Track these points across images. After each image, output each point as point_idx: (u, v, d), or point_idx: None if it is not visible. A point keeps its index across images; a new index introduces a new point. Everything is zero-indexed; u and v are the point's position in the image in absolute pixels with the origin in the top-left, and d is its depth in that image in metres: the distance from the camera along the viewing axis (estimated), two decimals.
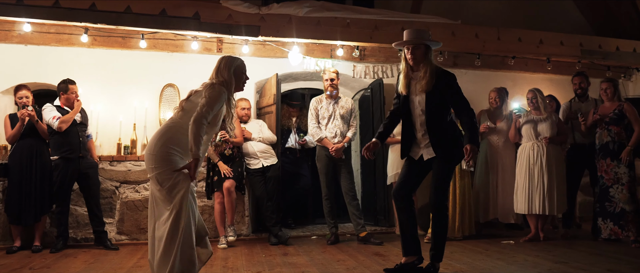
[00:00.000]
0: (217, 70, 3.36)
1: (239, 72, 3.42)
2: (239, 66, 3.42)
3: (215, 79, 3.33)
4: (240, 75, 3.44)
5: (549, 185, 5.27)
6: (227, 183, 5.31)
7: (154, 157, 3.18)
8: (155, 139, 3.23)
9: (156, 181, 3.18)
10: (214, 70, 3.38)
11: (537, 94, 5.49)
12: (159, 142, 3.20)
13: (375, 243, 5.26)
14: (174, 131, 3.24)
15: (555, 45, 6.84)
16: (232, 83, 3.36)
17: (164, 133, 3.25)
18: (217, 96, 3.21)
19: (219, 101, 3.22)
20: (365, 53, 6.61)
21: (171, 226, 3.10)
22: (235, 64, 3.40)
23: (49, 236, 5.39)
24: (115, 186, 5.64)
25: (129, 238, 5.60)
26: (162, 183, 3.15)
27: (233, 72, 3.36)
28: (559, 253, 4.67)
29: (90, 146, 5.37)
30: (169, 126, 3.29)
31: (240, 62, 3.44)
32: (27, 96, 5.12)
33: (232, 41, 6.07)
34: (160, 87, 5.95)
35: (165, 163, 3.16)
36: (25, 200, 5.04)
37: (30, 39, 5.67)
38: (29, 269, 4.21)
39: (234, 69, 3.37)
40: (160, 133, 3.26)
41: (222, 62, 3.38)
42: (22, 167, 5.06)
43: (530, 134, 5.43)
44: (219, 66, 3.37)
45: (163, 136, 3.22)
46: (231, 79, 3.35)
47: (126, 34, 5.82)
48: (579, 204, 7.12)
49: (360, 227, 5.41)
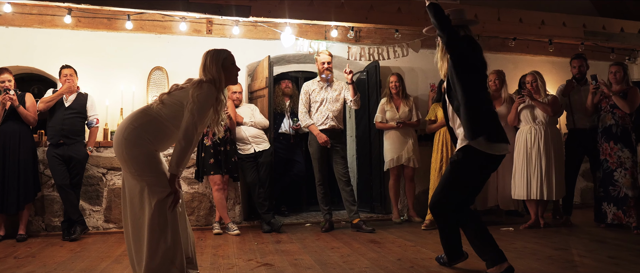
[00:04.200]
0: (204, 67, 3.18)
1: (228, 65, 3.22)
2: (226, 58, 3.22)
3: (204, 77, 3.17)
4: (230, 67, 3.24)
5: (547, 169, 5.28)
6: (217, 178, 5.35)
7: (125, 141, 3.02)
8: (126, 122, 3.09)
9: (129, 170, 3.06)
10: (201, 68, 3.19)
11: (537, 78, 5.48)
12: (131, 125, 3.05)
13: (367, 230, 5.28)
14: (149, 119, 3.08)
15: (558, 26, 6.83)
16: (222, 79, 3.17)
17: (138, 117, 3.10)
18: (206, 96, 3.04)
19: (208, 102, 3.06)
20: (360, 34, 6.58)
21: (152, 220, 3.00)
22: (222, 57, 3.20)
23: (34, 224, 5.40)
24: (102, 173, 5.63)
25: (117, 226, 5.60)
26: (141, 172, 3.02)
27: (222, 66, 3.17)
28: (559, 240, 4.70)
29: (91, 134, 5.37)
30: (144, 111, 3.14)
31: (227, 54, 3.25)
32: (9, 80, 5.07)
33: (222, 21, 6.04)
34: (147, 71, 5.91)
35: (136, 149, 3.02)
36: (8, 188, 5.01)
37: (12, 21, 5.62)
38: (13, 258, 4.21)
39: (222, 63, 3.18)
40: (133, 117, 3.11)
41: (208, 57, 3.19)
42: (5, 153, 5.02)
43: (528, 117, 5.44)
44: (205, 62, 3.19)
45: (136, 121, 3.08)
46: (221, 75, 3.16)
47: (112, 14, 5.78)
48: (580, 190, 7.18)
49: (353, 213, 5.43)
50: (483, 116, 3.37)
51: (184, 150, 3.01)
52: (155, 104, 3.15)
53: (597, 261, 3.80)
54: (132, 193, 3.08)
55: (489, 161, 3.39)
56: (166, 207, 3.02)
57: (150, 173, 3.03)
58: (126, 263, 3.93)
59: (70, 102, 5.25)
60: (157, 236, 3.00)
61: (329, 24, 6.17)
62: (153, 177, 3.03)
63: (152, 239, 3.00)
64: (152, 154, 3.09)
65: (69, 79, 5.22)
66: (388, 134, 5.97)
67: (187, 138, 3.01)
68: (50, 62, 5.72)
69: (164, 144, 3.19)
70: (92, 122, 5.37)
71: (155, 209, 2.99)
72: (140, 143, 3.03)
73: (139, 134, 3.04)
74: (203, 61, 3.21)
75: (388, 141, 5.99)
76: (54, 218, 5.46)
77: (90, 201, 5.57)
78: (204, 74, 3.18)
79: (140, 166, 3.03)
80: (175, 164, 3.02)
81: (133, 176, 3.05)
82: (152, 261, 3.00)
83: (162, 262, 3.00)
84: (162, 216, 3.01)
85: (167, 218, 3.03)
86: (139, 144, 3.03)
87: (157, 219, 3.00)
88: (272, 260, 3.99)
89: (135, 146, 3.02)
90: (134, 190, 3.06)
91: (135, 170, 3.03)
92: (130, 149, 3.02)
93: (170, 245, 3.02)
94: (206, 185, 5.73)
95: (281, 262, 3.92)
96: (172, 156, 3.04)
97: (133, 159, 3.03)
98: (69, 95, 5.26)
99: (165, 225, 3.01)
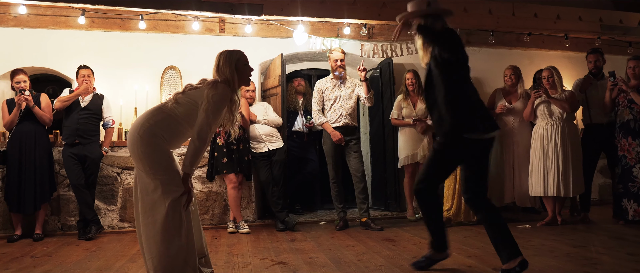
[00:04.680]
0: (217, 68, 3.20)
1: (241, 66, 3.24)
2: (240, 59, 3.24)
3: (218, 78, 3.18)
4: (244, 68, 3.26)
5: (564, 165, 5.22)
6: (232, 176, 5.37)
7: (140, 139, 3.04)
8: (141, 120, 3.10)
9: (143, 168, 3.07)
10: (214, 68, 3.22)
11: (554, 73, 5.43)
12: (146, 123, 3.07)
13: (376, 228, 5.27)
14: (163, 117, 3.10)
15: (574, 20, 6.74)
16: (236, 80, 3.19)
17: (152, 115, 3.12)
18: (221, 97, 3.06)
19: (223, 102, 3.09)
20: (373, 31, 6.56)
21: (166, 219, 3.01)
22: (236, 57, 3.23)
23: (50, 224, 5.46)
24: (116, 172, 5.67)
25: (132, 225, 5.64)
26: (155, 170, 3.04)
27: (235, 67, 3.19)
28: (576, 237, 4.65)
29: (106, 134, 5.43)
30: (159, 109, 3.16)
31: (240, 55, 3.26)
32: (24, 81, 5.13)
33: (234, 20, 6.05)
34: (161, 70, 5.95)
35: (150, 147, 3.04)
36: (25, 188, 5.08)
37: (27, 22, 5.69)
38: (30, 257, 4.26)
39: (235, 64, 3.20)
40: (147, 115, 3.12)
41: (221, 58, 3.21)
42: (21, 154, 5.09)
43: (544, 113, 5.39)
44: (219, 63, 3.21)
45: (151, 119, 3.09)
46: (234, 76, 3.18)
47: (125, 15, 5.83)
48: (598, 187, 7.10)
49: (363, 211, 5.44)
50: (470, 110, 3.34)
51: (198, 149, 3.04)
52: (170, 103, 3.16)
53: (616, 258, 3.75)
54: (145, 191, 3.09)
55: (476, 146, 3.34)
56: (180, 206, 3.03)
57: (164, 172, 3.04)
58: (141, 262, 3.96)
59: (86, 103, 5.30)
60: (172, 235, 3.01)
61: (341, 21, 6.16)
62: (167, 175, 3.04)
63: (166, 238, 3.01)
64: (166, 152, 3.11)
65: (86, 80, 5.27)
66: (403, 131, 5.95)
67: (201, 138, 3.04)
68: (64, 63, 5.79)
69: (177, 143, 3.21)
70: (108, 123, 5.41)
71: (169, 208, 3.00)
72: (155, 141, 3.05)
73: (154, 132, 3.06)
74: (216, 62, 3.23)
75: (403, 138, 5.97)
76: (69, 217, 5.51)
77: (105, 201, 5.62)
78: (218, 75, 3.20)
79: (154, 165, 3.04)
80: (189, 163, 3.05)
81: (147, 174, 3.07)
82: (166, 260, 3.01)
83: (175, 261, 3.02)
84: (177, 215, 3.02)
85: (182, 217, 3.04)
86: (154, 143, 3.05)
87: (171, 218, 3.01)
88: (287, 259, 4.00)
89: (149, 144, 3.04)
90: (148, 188, 3.07)
91: (149, 168, 3.04)
92: (145, 147, 3.04)
93: (184, 244, 3.03)
94: (220, 183, 5.75)
95: (296, 261, 3.92)
96: (185, 156, 3.07)
97: (147, 157, 3.04)
98: (85, 96, 5.31)
99: (179, 224, 3.03)
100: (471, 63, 3.54)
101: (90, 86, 5.29)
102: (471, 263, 3.68)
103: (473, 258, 3.83)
